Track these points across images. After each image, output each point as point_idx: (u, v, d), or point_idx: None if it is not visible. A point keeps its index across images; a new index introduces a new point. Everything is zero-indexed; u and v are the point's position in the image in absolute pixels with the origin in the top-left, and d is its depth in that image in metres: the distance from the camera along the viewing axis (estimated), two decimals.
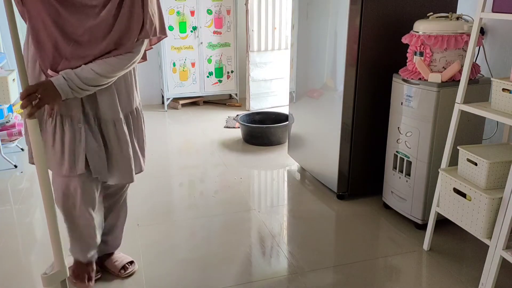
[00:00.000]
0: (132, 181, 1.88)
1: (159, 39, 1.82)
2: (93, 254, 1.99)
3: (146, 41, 1.73)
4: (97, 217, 1.92)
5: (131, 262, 2.14)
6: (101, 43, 1.63)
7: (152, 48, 1.87)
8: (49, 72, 1.63)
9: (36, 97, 1.51)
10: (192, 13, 4.78)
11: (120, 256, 2.16)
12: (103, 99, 1.74)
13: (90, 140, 1.74)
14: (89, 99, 1.73)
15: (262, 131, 3.82)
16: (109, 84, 1.71)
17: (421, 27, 2.27)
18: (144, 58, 1.86)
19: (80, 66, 1.61)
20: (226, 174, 3.28)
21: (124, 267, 2.10)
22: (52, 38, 1.61)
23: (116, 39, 1.63)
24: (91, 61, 1.63)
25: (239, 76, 5.16)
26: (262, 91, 4.93)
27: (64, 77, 1.58)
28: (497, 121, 2.27)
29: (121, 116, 1.80)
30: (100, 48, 1.63)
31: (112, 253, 2.15)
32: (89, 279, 1.97)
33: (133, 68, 1.84)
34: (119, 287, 2.02)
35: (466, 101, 2.04)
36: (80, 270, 1.97)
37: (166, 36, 1.81)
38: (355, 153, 2.74)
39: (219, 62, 5.04)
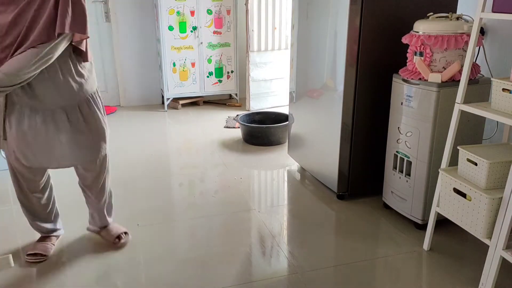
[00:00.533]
0: (69, 165, 2.09)
1: (81, 38, 1.89)
2: (45, 229, 2.30)
3: (59, 39, 1.79)
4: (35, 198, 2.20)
5: (125, 233, 2.37)
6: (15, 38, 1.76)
7: (79, 46, 1.92)
8: None
9: None
10: (192, 13, 4.78)
11: (115, 227, 2.39)
12: (40, 90, 1.89)
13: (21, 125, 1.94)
14: (26, 91, 1.88)
15: (262, 131, 3.82)
16: (28, 79, 1.80)
17: (421, 27, 2.27)
18: (84, 57, 1.97)
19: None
20: (226, 174, 3.28)
21: (118, 237, 2.33)
22: None
23: (23, 35, 1.75)
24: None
25: (239, 76, 5.16)
26: (262, 91, 4.93)
27: None
28: (497, 121, 2.26)
29: (63, 106, 1.95)
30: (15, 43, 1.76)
31: (106, 226, 2.38)
32: (31, 255, 2.22)
33: (75, 63, 1.95)
34: (120, 285, 2.03)
35: (466, 101, 2.04)
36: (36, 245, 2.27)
37: (87, 36, 1.90)
38: (355, 153, 2.74)
39: (219, 62, 5.04)
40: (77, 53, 1.94)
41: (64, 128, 1.97)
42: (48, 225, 2.32)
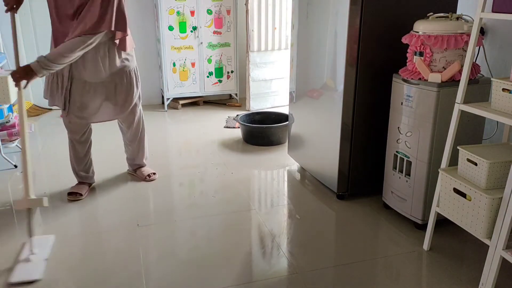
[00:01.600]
0: (107, 120, 2.82)
1: (122, 35, 2.57)
2: (82, 176, 2.95)
3: (102, 33, 2.44)
4: (82, 147, 2.88)
5: (154, 173, 3.15)
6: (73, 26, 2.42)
7: (118, 41, 2.59)
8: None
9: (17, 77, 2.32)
10: (192, 13, 4.78)
11: (146, 168, 3.17)
12: (92, 69, 2.59)
13: (75, 94, 2.65)
14: (76, 67, 2.57)
15: (262, 131, 3.82)
16: (74, 60, 2.44)
17: (421, 27, 2.27)
18: (123, 47, 2.63)
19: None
20: (226, 174, 3.28)
21: (148, 175, 3.11)
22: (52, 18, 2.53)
23: (76, 26, 2.39)
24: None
25: (239, 76, 5.16)
26: (262, 91, 4.93)
27: (37, 60, 2.34)
28: (497, 121, 2.26)
29: (111, 79, 2.68)
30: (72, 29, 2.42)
31: (140, 167, 3.16)
32: (71, 194, 2.87)
33: (119, 49, 2.63)
34: (119, 285, 2.03)
35: (466, 101, 2.04)
36: (74, 188, 2.90)
37: (126, 34, 2.59)
38: (355, 153, 2.74)
39: (219, 62, 5.04)
40: (118, 42, 2.61)
41: (109, 95, 2.71)
42: (84, 173, 2.95)
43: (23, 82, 2.33)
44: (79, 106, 2.67)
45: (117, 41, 2.58)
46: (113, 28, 2.44)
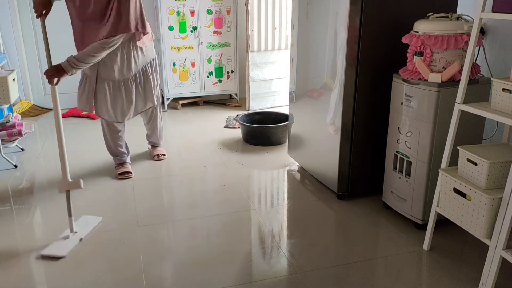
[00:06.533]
0: (132, 117, 3.11)
1: (142, 33, 2.78)
2: (120, 159, 3.26)
3: (123, 34, 2.67)
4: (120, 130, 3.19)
5: (164, 154, 3.53)
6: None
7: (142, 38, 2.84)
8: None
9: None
10: (192, 13, 4.78)
11: (159, 149, 3.56)
12: (115, 67, 2.84)
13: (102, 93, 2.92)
14: (105, 68, 2.82)
15: (262, 131, 3.82)
16: (99, 59, 2.67)
17: (421, 27, 2.27)
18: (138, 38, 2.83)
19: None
20: (226, 174, 3.28)
21: (157, 155, 3.51)
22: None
23: (100, 29, 2.62)
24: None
25: (239, 76, 5.16)
26: (262, 91, 4.93)
27: (67, 60, 2.55)
28: (497, 121, 2.26)
29: (129, 76, 2.94)
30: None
31: (156, 146, 3.57)
32: (123, 173, 3.18)
33: (134, 43, 2.84)
34: (119, 285, 2.03)
35: (466, 101, 2.04)
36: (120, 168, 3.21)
37: (147, 32, 2.80)
38: (355, 153, 2.74)
39: (219, 62, 5.04)
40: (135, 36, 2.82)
41: (129, 92, 2.97)
42: (124, 156, 3.27)
43: (56, 80, 2.52)
44: (106, 107, 2.94)
45: (141, 39, 2.82)
46: (133, 30, 2.66)
